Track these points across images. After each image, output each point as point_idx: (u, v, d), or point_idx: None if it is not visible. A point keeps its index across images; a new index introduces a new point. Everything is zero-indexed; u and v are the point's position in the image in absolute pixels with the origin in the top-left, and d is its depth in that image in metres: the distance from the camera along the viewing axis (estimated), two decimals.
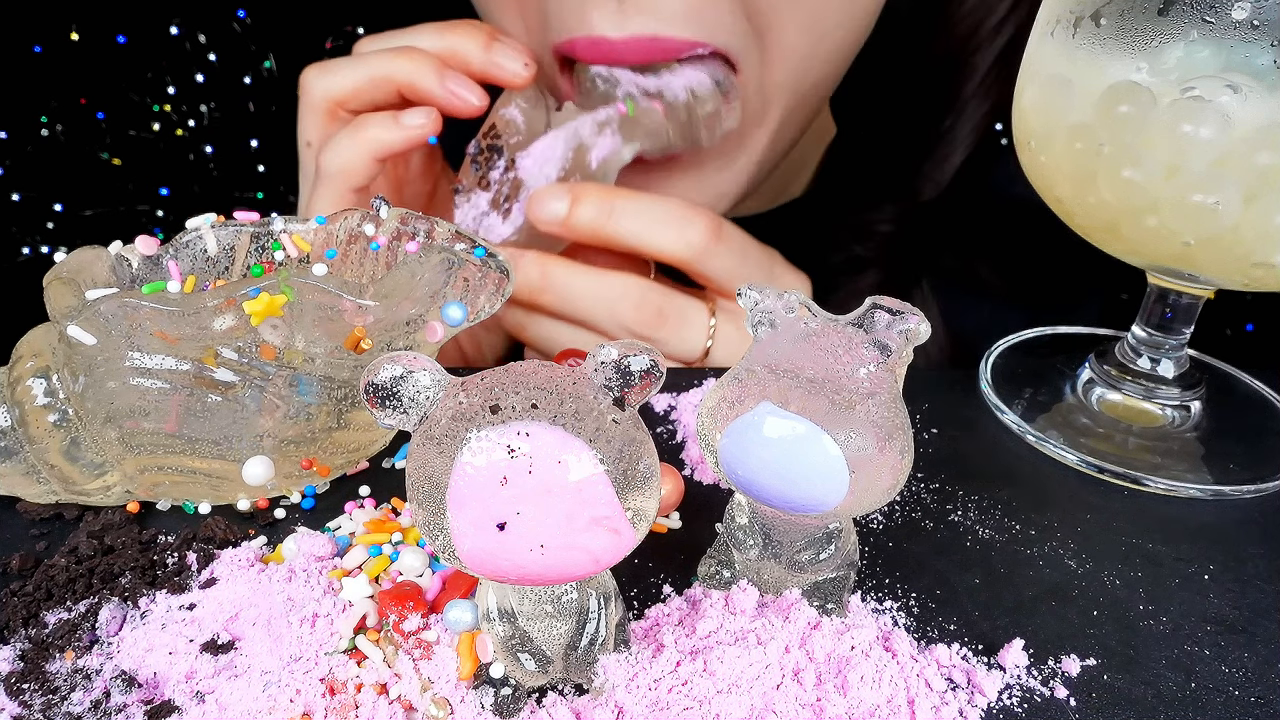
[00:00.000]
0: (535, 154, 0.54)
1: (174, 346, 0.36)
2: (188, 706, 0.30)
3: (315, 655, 0.31)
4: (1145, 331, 0.47)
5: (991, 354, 0.52)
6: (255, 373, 0.37)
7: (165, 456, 0.37)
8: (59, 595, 0.34)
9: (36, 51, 0.80)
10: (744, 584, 0.33)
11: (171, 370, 0.36)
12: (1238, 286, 0.42)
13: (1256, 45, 0.35)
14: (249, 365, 0.36)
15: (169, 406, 0.36)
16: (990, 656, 0.33)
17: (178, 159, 0.89)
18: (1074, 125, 0.40)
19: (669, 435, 0.45)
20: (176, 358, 0.36)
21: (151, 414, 0.36)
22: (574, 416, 0.25)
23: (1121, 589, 0.36)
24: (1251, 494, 0.42)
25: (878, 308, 0.29)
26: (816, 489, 0.28)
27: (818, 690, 0.30)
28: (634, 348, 0.26)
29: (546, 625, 0.29)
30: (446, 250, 0.39)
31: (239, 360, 0.36)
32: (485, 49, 0.53)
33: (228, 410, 0.37)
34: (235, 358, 0.36)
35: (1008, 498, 0.41)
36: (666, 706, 0.29)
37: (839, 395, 0.27)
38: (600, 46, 0.53)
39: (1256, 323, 0.88)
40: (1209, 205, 0.37)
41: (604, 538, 0.25)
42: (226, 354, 0.36)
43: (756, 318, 0.30)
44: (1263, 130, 0.35)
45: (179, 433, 0.36)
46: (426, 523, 0.25)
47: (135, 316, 0.35)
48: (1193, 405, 0.47)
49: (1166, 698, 0.32)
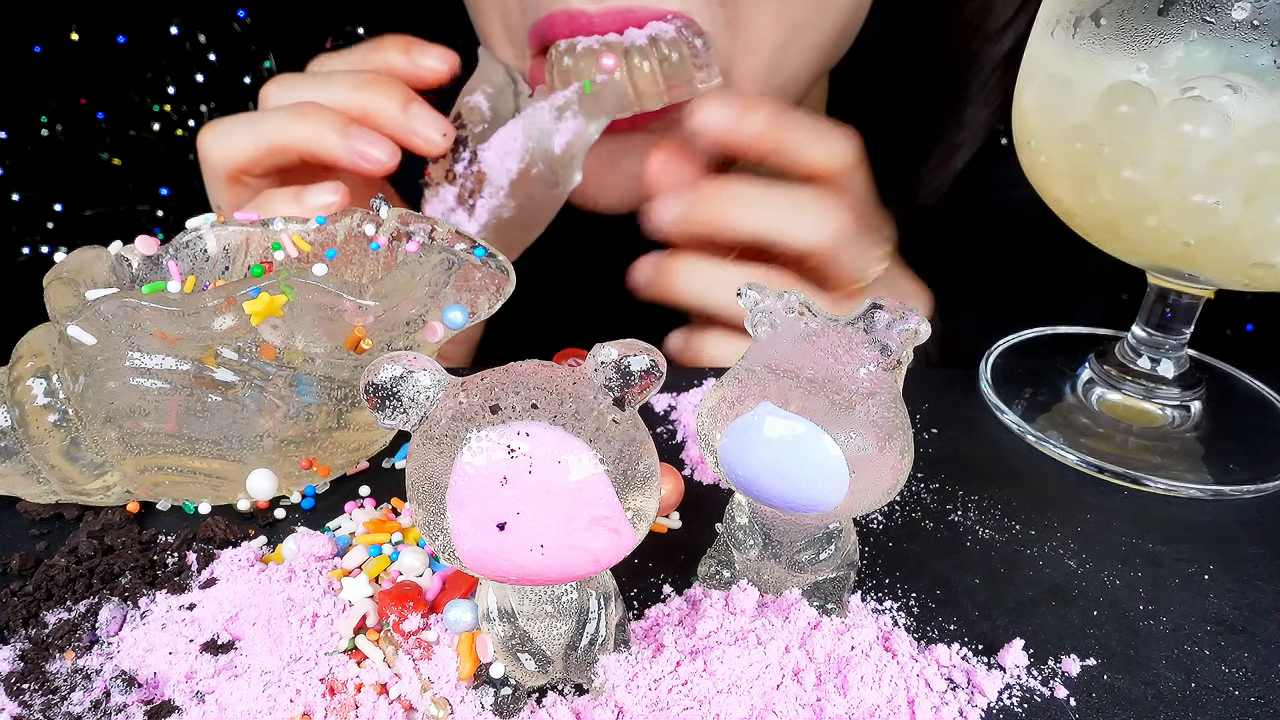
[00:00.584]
0: (495, 145, 0.52)
1: (174, 346, 0.36)
2: (188, 706, 0.30)
3: (315, 655, 0.31)
4: (1145, 331, 0.47)
5: (991, 354, 0.52)
6: (255, 373, 0.37)
7: (165, 456, 0.37)
8: (59, 595, 0.34)
9: (36, 51, 0.80)
10: (744, 584, 0.33)
11: (171, 370, 0.36)
12: (1238, 286, 0.42)
13: (1256, 45, 0.35)
14: (249, 365, 0.36)
15: (169, 407, 0.36)
16: (990, 656, 0.33)
17: (178, 159, 0.89)
18: (1074, 125, 0.40)
19: (669, 435, 0.45)
20: (176, 358, 0.36)
21: (151, 414, 0.36)
22: (574, 416, 0.25)
23: (1121, 589, 0.36)
24: (1251, 494, 0.42)
25: (878, 308, 0.29)
26: (816, 489, 0.28)
27: (818, 690, 0.30)
28: (634, 348, 0.26)
29: (546, 625, 0.29)
30: (446, 250, 0.39)
31: (239, 360, 0.36)
32: (403, 109, 0.50)
33: (228, 410, 0.37)
34: (235, 358, 0.36)
35: (1008, 498, 0.41)
36: (666, 706, 0.29)
37: (839, 395, 0.27)
38: (578, 20, 0.51)
39: (1256, 323, 0.88)
40: (1209, 205, 0.37)
41: (604, 538, 0.25)
42: (226, 354, 0.36)
43: (756, 318, 0.30)
44: (1263, 130, 0.35)
45: (179, 433, 0.36)
46: (426, 523, 0.25)
47: (135, 316, 0.35)
48: (1193, 405, 0.47)
49: (1166, 698, 0.32)
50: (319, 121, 0.48)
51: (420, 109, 0.50)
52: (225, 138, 0.50)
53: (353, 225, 0.42)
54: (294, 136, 0.49)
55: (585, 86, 0.51)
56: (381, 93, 0.50)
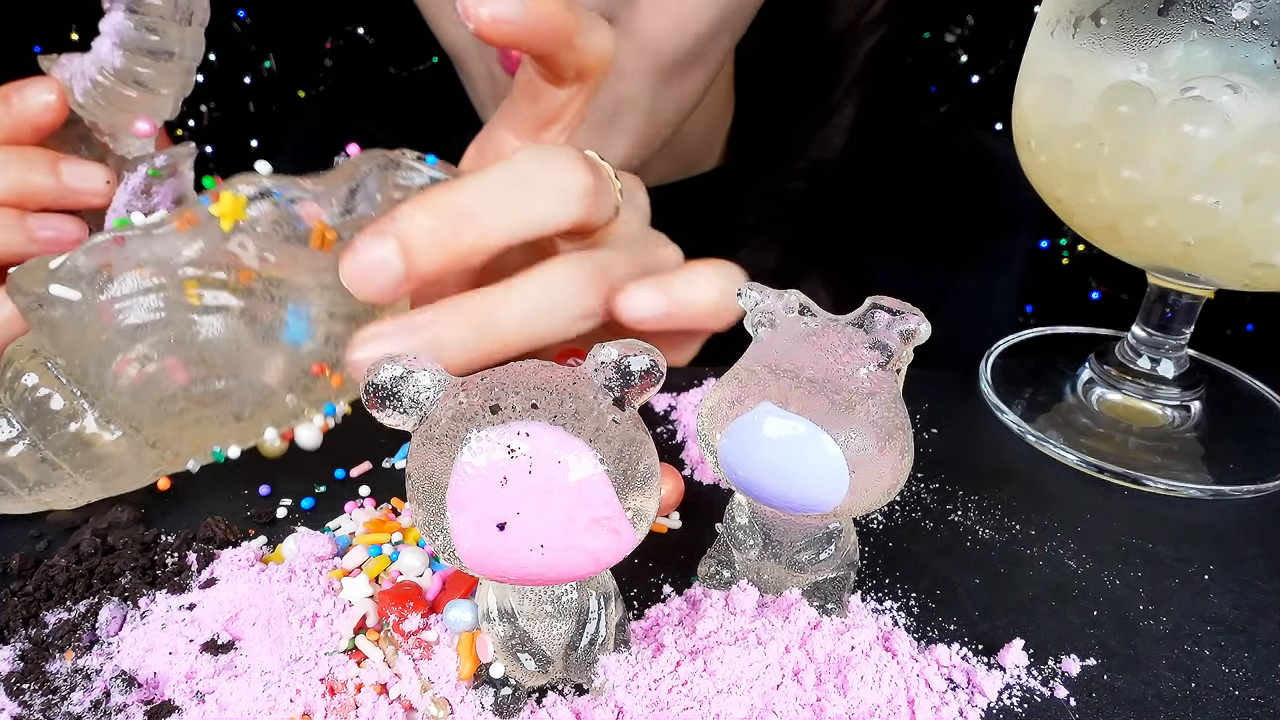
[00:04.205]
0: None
1: (155, 281, 0.36)
2: (188, 706, 0.30)
3: (315, 655, 0.31)
4: (1145, 331, 0.47)
5: (991, 354, 0.52)
6: (240, 295, 0.36)
7: (181, 406, 0.37)
8: (59, 595, 0.34)
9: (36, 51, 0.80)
10: (744, 584, 0.33)
11: (157, 303, 0.36)
12: (1238, 286, 0.42)
13: (1256, 45, 0.35)
14: (232, 284, 0.36)
15: (168, 343, 0.36)
16: (990, 656, 0.33)
17: None
18: (1074, 125, 0.40)
19: (669, 435, 0.45)
20: (157, 292, 0.36)
21: (154, 360, 0.36)
22: (574, 416, 0.25)
23: (1121, 589, 0.36)
24: (1251, 494, 0.42)
25: (878, 308, 0.29)
26: (816, 489, 0.28)
27: (818, 690, 0.30)
28: (634, 348, 0.26)
29: (546, 625, 0.29)
30: (386, 152, 0.39)
31: (223, 279, 0.36)
32: (54, 175, 0.44)
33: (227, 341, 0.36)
34: (220, 277, 0.36)
35: (1008, 498, 0.41)
36: (666, 706, 0.29)
37: (839, 395, 0.27)
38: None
39: (1256, 323, 0.88)
40: (1209, 205, 0.37)
41: (604, 538, 0.25)
42: (210, 276, 0.36)
43: (756, 318, 0.30)
44: (1263, 130, 0.35)
45: (189, 381, 0.36)
46: (426, 523, 0.25)
47: (108, 256, 0.35)
48: (1193, 405, 0.47)
49: (1166, 698, 0.32)
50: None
51: (70, 165, 0.44)
52: None
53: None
54: None
55: (152, 172, 0.46)
56: (24, 167, 0.44)
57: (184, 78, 0.48)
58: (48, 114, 0.44)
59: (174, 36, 0.46)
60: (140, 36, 0.45)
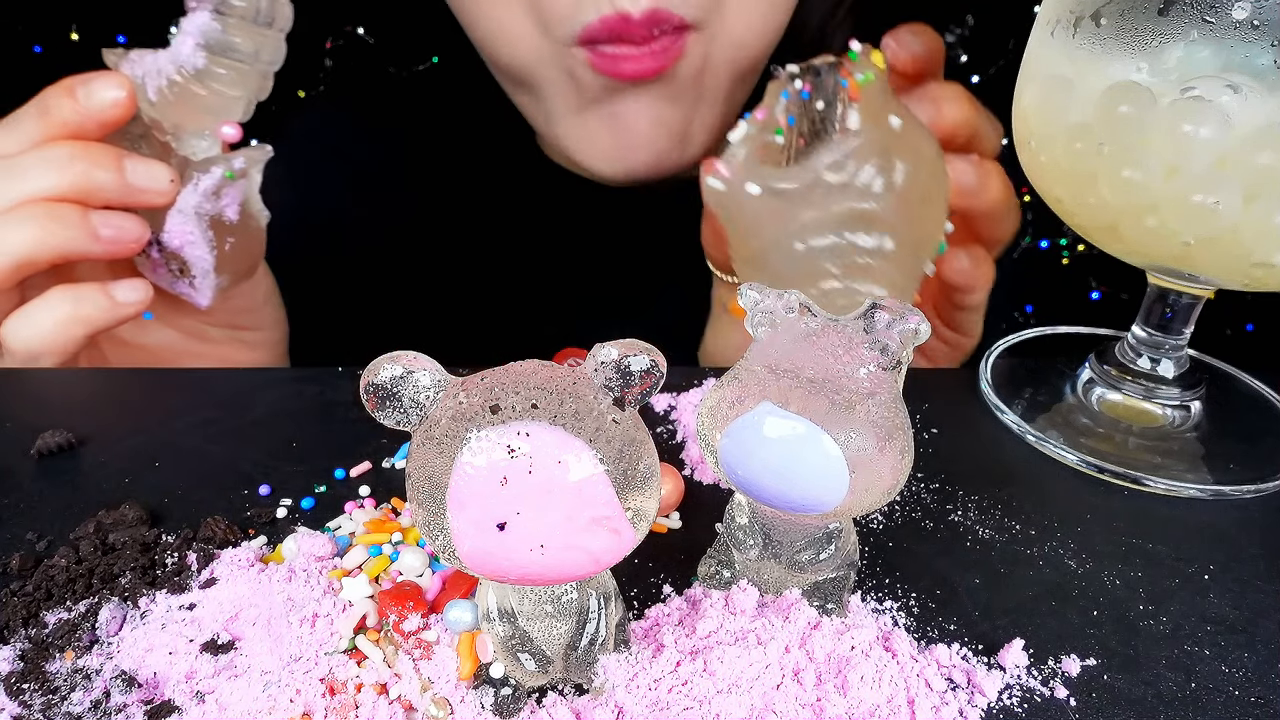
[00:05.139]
0: (176, 234, 0.48)
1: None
2: (188, 706, 0.30)
3: (315, 655, 0.31)
4: (1145, 331, 0.47)
5: (991, 354, 0.52)
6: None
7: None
8: (59, 595, 0.34)
9: (37, 51, 0.80)
10: (744, 584, 0.33)
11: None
12: (1238, 286, 0.42)
13: (1256, 45, 0.35)
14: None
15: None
16: (990, 656, 0.33)
17: None
18: (1074, 125, 0.40)
19: (669, 435, 0.45)
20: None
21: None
22: (574, 416, 0.25)
23: (1121, 589, 0.36)
24: (1251, 494, 0.42)
25: (878, 308, 0.29)
26: (816, 489, 0.28)
27: (818, 690, 0.30)
28: (634, 348, 0.26)
29: (546, 625, 0.29)
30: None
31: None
32: (119, 172, 0.44)
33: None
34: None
35: (1008, 498, 0.41)
36: (666, 706, 0.29)
37: (839, 395, 0.27)
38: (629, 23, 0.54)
39: (1256, 323, 0.88)
40: (1209, 205, 0.37)
41: (604, 538, 0.25)
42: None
43: (756, 318, 0.30)
44: (1263, 130, 0.35)
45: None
46: (426, 523, 0.25)
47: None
48: (1193, 405, 0.47)
49: (1166, 698, 0.32)
50: (52, 223, 0.43)
51: (135, 163, 0.45)
52: None
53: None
54: (35, 248, 0.43)
55: (229, 175, 0.49)
56: (89, 163, 0.44)
57: (260, 81, 0.49)
58: (115, 110, 0.45)
59: (255, 40, 0.47)
60: (225, 39, 0.47)
